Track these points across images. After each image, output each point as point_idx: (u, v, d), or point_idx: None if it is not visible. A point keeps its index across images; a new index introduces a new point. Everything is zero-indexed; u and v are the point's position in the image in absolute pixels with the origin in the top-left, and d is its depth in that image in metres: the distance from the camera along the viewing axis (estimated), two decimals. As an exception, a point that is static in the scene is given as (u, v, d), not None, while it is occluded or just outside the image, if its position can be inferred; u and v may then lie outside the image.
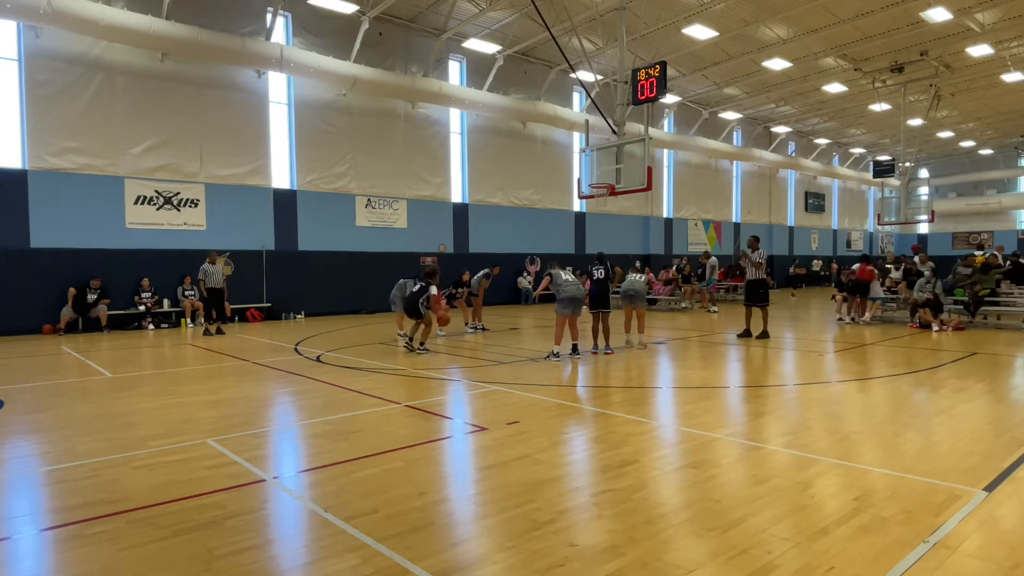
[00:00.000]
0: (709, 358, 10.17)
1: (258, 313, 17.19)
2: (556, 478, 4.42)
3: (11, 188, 13.93)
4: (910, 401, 6.97)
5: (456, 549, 3.34)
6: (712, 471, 4.53)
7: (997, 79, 24.64)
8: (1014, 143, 36.60)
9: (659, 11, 18.32)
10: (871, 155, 38.14)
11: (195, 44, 15.12)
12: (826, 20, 19.25)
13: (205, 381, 8.31)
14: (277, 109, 17.90)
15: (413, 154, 20.35)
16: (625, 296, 11.31)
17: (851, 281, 15.68)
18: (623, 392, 7.62)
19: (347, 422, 6.05)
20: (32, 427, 6.02)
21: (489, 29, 19.82)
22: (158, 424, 6.00)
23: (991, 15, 19.10)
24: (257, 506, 3.97)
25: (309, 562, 3.19)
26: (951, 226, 40.51)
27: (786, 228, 35.98)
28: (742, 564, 3.09)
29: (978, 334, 12.96)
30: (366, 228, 19.40)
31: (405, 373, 8.83)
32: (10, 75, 14.02)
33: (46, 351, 11.50)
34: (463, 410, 6.80)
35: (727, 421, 6.11)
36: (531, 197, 23.69)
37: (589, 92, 17.58)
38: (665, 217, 29.33)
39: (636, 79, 12.41)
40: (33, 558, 3.35)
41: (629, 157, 12.28)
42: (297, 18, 17.60)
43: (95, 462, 4.82)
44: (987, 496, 3.96)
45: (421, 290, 10.66)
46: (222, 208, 16.68)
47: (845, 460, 4.73)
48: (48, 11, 13.01)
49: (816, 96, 27.86)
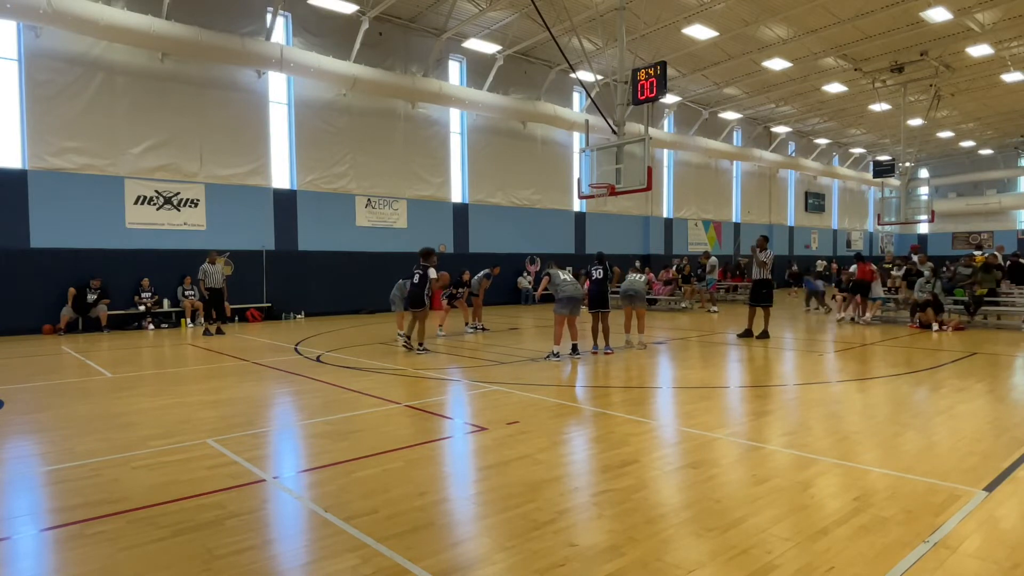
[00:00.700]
0: (709, 358, 10.17)
1: (258, 313, 17.18)
2: (556, 478, 4.42)
3: (11, 188, 13.93)
4: (910, 401, 6.97)
5: (456, 549, 3.34)
6: (712, 471, 4.53)
7: (997, 79, 24.64)
8: (1014, 143, 36.61)
9: (659, 11, 18.32)
10: (871, 155, 38.15)
11: (195, 44, 15.12)
12: (826, 20, 19.25)
13: (205, 381, 8.31)
14: (277, 109, 17.91)
15: (413, 154, 20.35)
16: (625, 296, 11.32)
17: (851, 281, 15.67)
18: (623, 392, 7.62)
19: (347, 422, 6.05)
20: (32, 427, 6.02)
21: (489, 29, 19.82)
22: (158, 424, 6.00)
23: (991, 15, 19.09)
24: (257, 506, 3.97)
25: (309, 562, 3.19)
26: (951, 226, 40.51)
27: (786, 228, 35.99)
28: (742, 564, 3.09)
29: (978, 334, 12.96)
30: (366, 228, 19.40)
31: (405, 373, 8.83)
32: (10, 75, 14.02)
33: (46, 351, 11.50)
34: (463, 410, 6.80)
35: (727, 421, 6.11)
36: (531, 197, 23.69)
37: (589, 92, 17.58)
38: (665, 217, 29.33)
39: (636, 79, 12.41)
40: (33, 558, 3.35)
41: (629, 157, 12.28)
42: (297, 18, 17.60)
43: (95, 462, 4.82)
44: (987, 496, 3.96)
45: (422, 279, 10.63)
46: (222, 208, 16.68)
47: (845, 460, 4.73)
48: (48, 11, 13.01)
49: (816, 96, 27.87)
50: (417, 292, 10.65)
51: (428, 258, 10.80)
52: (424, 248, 11.05)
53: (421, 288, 10.60)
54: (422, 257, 10.84)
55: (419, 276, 10.65)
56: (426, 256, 10.82)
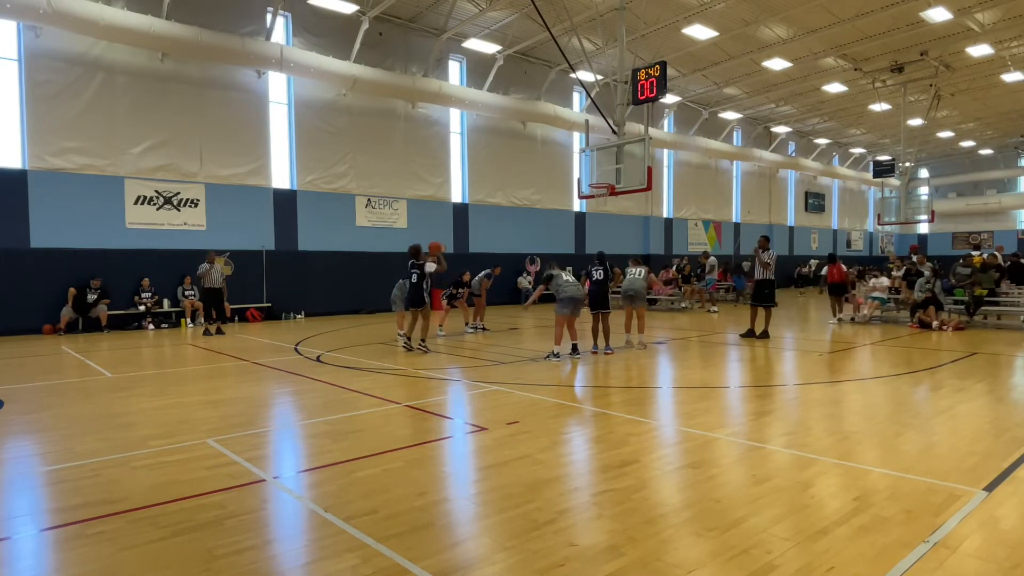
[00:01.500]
0: (709, 358, 10.17)
1: (258, 313, 17.18)
2: (556, 478, 4.42)
3: (11, 188, 13.92)
4: (910, 401, 6.97)
5: (456, 549, 3.34)
6: (712, 471, 4.53)
7: (997, 79, 24.64)
8: (1014, 143, 36.60)
9: (659, 11, 18.31)
10: (871, 155, 38.15)
11: (195, 44, 15.12)
12: (826, 20, 19.24)
13: (205, 381, 8.31)
14: (277, 109, 17.90)
15: (413, 154, 20.35)
16: (625, 296, 11.37)
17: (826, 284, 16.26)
18: (623, 392, 7.62)
19: (347, 422, 6.05)
20: (32, 427, 6.02)
21: (489, 29, 19.82)
22: (158, 424, 6.00)
23: (991, 15, 19.09)
24: (257, 506, 3.97)
25: (309, 562, 3.19)
26: (951, 226, 40.49)
27: (786, 228, 35.99)
28: (742, 564, 3.09)
29: (978, 334, 12.96)
30: (366, 228, 19.40)
31: (405, 373, 8.83)
32: (10, 75, 14.02)
33: (46, 351, 11.50)
34: (463, 410, 6.80)
35: (727, 421, 6.11)
36: (531, 197, 23.69)
37: (589, 92, 17.57)
38: (665, 217, 29.33)
39: (636, 79, 12.41)
40: (33, 558, 3.35)
41: (629, 157, 12.28)
42: (297, 18, 17.60)
43: (95, 462, 4.82)
44: (987, 496, 3.96)
45: (420, 277, 10.61)
46: (222, 208, 16.68)
47: (845, 460, 4.72)
48: (48, 11, 13.00)
49: (816, 96, 27.86)
50: (416, 291, 10.66)
51: (419, 255, 10.79)
52: (412, 246, 10.99)
53: (419, 286, 10.61)
54: (412, 256, 10.82)
55: (416, 275, 10.66)
56: (415, 254, 10.80)
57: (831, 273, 15.99)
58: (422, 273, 10.61)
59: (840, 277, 15.86)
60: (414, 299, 10.72)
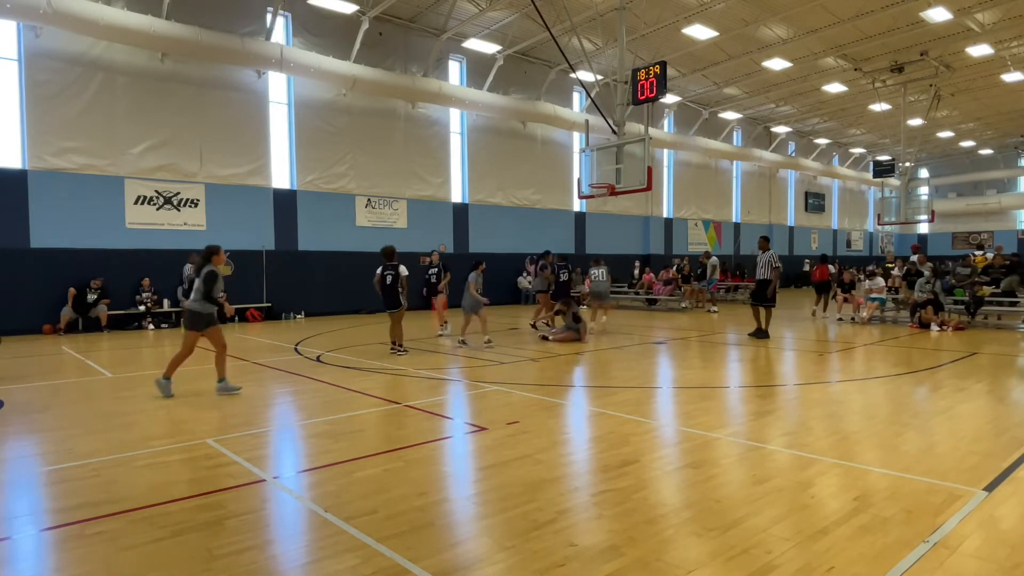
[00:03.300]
0: (709, 358, 10.17)
1: (258, 313, 17.18)
2: (556, 478, 4.41)
3: (11, 188, 13.92)
4: (910, 401, 6.97)
5: (456, 549, 3.34)
6: (712, 471, 4.53)
7: (997, 79, 24.63)
8: (1014, 143, 36.59)
9: (659, 11, 18.31)
10: (871, 155, 38.12)
11: (195, 44, 15.11)
12: (826, 20, 19.24)
13: (205, 381, 8.31)
14: (277, 109, 17.90)
15: (413, 154, 20.35)
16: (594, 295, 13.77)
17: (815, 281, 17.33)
18: (623, 392, 7.61)
19: (347, 422, 6.05)
20: (32, 427, 6.02)
21: (489, 29, 19.81)
22: (158, 424, 6.00)
23: (991, 15, 19.08)
24: (257, 506, 3.97)
25: (309, 562, 3.19)
26: (951, 226, 40.48)
27: (786, 228, 35.99)
28: (742, 564, 3.09)
29: (978, 334, 12.96)
30: (366, 228, 19.39)
31: (405, 373, 8.83)
32: (10, 75, 14.01)
33: (46, 351, 11.49)
34: (463, 410, 6.80)
35: (727, 421, 6.11)
36: (531, 197, 23.68)
37: (589, 92, 17.56)
38: (665, 217, 29.32)
39: (636, 79, 12.41)
40: (33, 558, 3.35)
41: (629, 157, 12.28)
42: (297, 18, 17.60)
43: (95, 462, 4.82)
44: (987, 496, 3.96)
45: (394, 279, 10.40)
46: (222, 208, 16.67)
47: (845, 460, 4.72)
48: (48, 11, 13.00)
49: (816, 96, 27.85)
50: (391, 293, 10.41)
51: (392, 257, 10.54)
52: (385, 247, 10.67)
53: (394, 288, 10.40)
54: (385, 257, 10.55)
55: (391, 277, 10.42)
56: (389, 255, 10.55)
57: (815, 272, 17.21)
58: (396, 275, 10.43)
59: (824, 276, 16.97)
60: (389, 302, 10.52)
